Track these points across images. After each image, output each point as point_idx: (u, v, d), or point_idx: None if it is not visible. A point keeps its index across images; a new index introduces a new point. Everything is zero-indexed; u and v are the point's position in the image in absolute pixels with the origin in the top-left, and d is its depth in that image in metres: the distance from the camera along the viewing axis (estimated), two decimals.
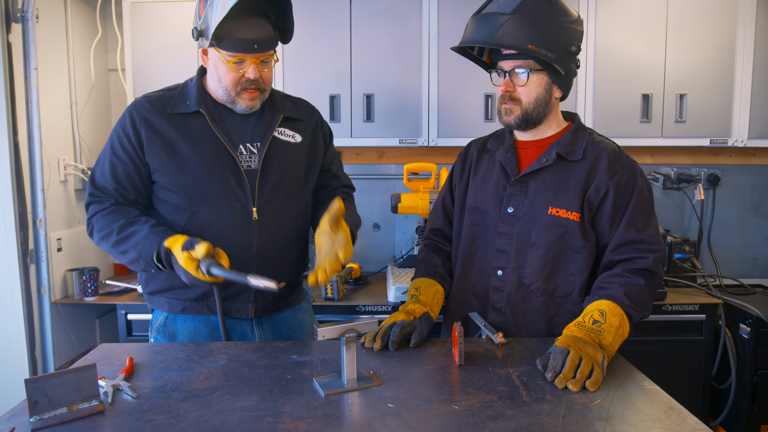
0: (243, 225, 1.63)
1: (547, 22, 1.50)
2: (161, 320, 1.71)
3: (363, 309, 2.72)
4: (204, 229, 1.62)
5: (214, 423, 1.10)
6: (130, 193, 1.63)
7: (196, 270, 1.46)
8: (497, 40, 1.50)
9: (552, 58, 1.50)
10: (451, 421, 1.10)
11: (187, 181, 1.61)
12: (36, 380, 1.10)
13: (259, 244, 1.65)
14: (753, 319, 2.62)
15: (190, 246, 1.46)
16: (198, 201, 1.62)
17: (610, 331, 1.39)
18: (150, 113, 1.63)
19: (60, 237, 2.87)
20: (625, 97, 2.88)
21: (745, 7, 2.82)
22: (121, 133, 1.63)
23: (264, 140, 1.67)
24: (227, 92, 1.62)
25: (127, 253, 1.56)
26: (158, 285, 1.69)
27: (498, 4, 1.54)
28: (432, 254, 1.81)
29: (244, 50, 1.55)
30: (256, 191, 1.65)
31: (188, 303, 1.67)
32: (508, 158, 1.66)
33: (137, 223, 1.57)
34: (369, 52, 2.88)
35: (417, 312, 1.58)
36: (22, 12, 2.64)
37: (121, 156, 1.62)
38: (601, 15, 2.83)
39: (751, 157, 3.27)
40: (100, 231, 1.60)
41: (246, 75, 1.59)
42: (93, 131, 3.19)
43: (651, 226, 1.56)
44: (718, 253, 3.24)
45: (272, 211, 1.68)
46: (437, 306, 1.67)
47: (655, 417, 1.12)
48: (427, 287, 1.69)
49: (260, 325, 1.74)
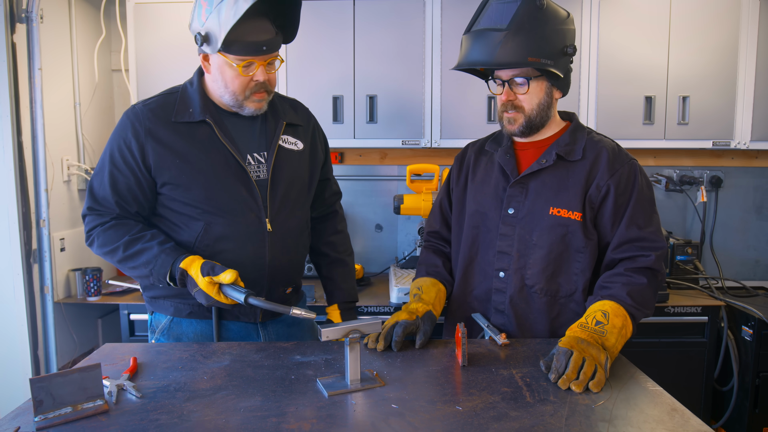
0: (257, 236, 1.63)
1: (543, 31, 1.50)
2: (166, 323, 1.70)
3: (366, 310, 2.73)
4: (218, 240, 1.61)
5: (218, 423, 1.10)
6: (131, 206, 1.61)
7: (218, 294, 1.47)
8: (497, 59, 1.50)
9: (550, 65, 1.51)
10: (454, 421, 1.10)
11: (200, 193, 1.58)
12: (41, 380, 1.11)
13: (271, 254, 1.65)
14: (755, 321, 2.62)
15: (212, 271, 1.46)
16: (212, 213, 1.60)
17: (612, 332, 1.40)
18: (154, 124, 1.58)
19: (63, 237, 2.87)
20: (627, 99, 2.88)
21: (748, 9, 2.82)
22: (123, 145, 1.58)
23: (271, 150, 1.66)
24: (235, 96, 1.59)
25: (137, 269, 1.56)
26: (164, 291, 1.68)
27: (490, 18, 1.53)
28: (432, 255, 1.81)
29: (253, 53, 1.54)
30: (267, 202, 1.64)
31: (195, 307, 1.66)
32: (507, 159, 1.66)
33: (143, 240, 1.56)
34: (372, 53, 2.88)
35: (420, 311, 1.58)
36: (27, 12, 2.65)
37: (122, 169, 1.58)
38: (604, 17, 2.84)
39: (753, 160, 3.27)
40: (104, 246, 1.59)
41: (255, 78, 1.57)
42: (96, 131, 3.20)
43: (653, 223, 1.56)
44: (720, 255, 3.24)
45: (283, 221, 1.67)
46: (440, 304, 1.68)
47: (658, 418, 1.12)
48: (429, 287, 1.69)
49: (265, 328, 1.75)
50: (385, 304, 2.72)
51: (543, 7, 1.51)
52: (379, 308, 2.72)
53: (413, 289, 1.70)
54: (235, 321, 1.70)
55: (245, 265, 1.60)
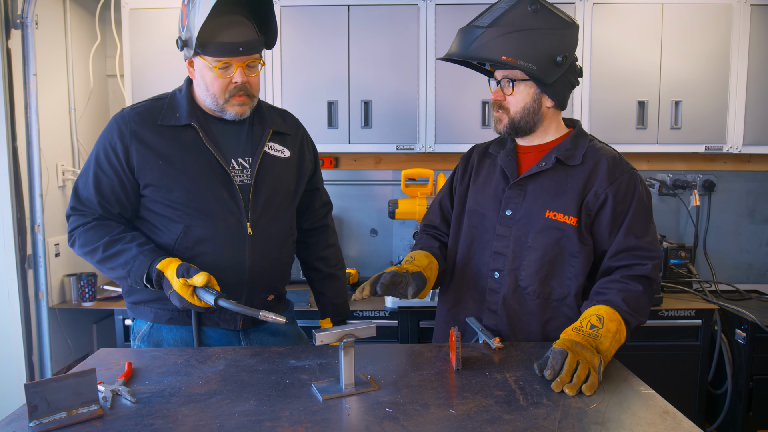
0: (237, 240, 1.63)
1: (527, 33, 1.51)
2: (146, 329, 1.69)
3: (361, 314, 2.73)
4: (198, 243, 1.61)
5: (213, 427, 1.11)
6: (114, 208, 1.62)
7: (191, 296, 1.47)
8: (470, 52, 1.53)
9: (533, 69, 1.52)
10: (448, 425, 1.11)
11: (181, 195, 1.59)
12: (35, 385, 1.11)
13: (251, 258, 1.65)
14: (748, 325, 2.64)
15: (187, 273, 1.46)
16: (192, 215, 1.60)
17: (607, 336, 1.40)
18: (139, 126, 1.60)
19: (58, 242, 2.87)
20: (620, 103, 2.90)
21: (740, 15, 2.85)
22: (108, 147, 1.60)
23: (255, 155, 1.67)
24: (215, 100, 1.61)
25: (115, 270, 1.56)
26: (143, 295, 1.67)
27: (483, 16, 1.57)
28: (429, 238, 1.82)
29: (229, 54, 1.55)
30: (249, 206, 1.64)
31: (174, 313, 1.66)
32: (508, 162, 1.67)
33: (123, 241, 1.56)
34: (367, 59, 2.90)
35: (410, 269, 1.59)
36: (22, 18, 2.65)
37: (107, 170, 1.60)
38: (597, 22, 2.86)
39: (746, 164, 3.30)
40: (84, 246, 1.59)
41: (233, 80, 1.58)
42: (91, 137, 3.19)
43: (650, 233, 1.58)
44: (713, 258, 3.26)
45: (265, 226, 1.68)
46: (431, 273, 1.66)
47: (650, 421, 1.13)
48: (422, 257, 1.68)
49: (247, 336, 1.74)
50: (380, 308, 2.72)
51: (536, 11, 1.52)
52: (374, 313, 2.72)
53: (406, 258, 1.70)
54: (216, 328, 1.69)
55: (225, 269, 1.60)
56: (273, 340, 1.79)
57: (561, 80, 1.58)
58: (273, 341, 1.78)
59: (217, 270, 1.56)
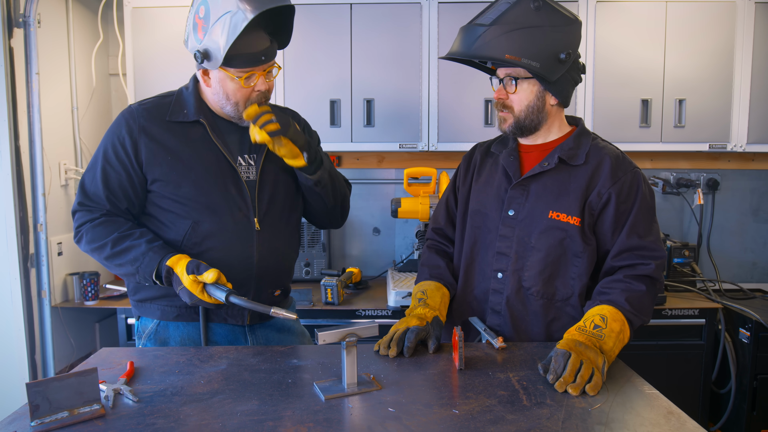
0: (245, 235, 1.64)
1: (531, 31, 1.50)
2: (152, 327, 1.70)
3: (363, 313, 2.73)
4: (206, 238, 1.62)
5: (215, 427, 1.10)
6: (121, 203, 1.62)
7: (201, 293, 1.48)
8: (473, 51, 1.52)
9: (536, 67, 1.51)
10: (451, 425, 1.11)
11: (189, 190, 1.60)
12: (37, 384, 1.11)
13: (259, 254, 1.66)
14: (752, 324, 2.63)
15: (197, 270, 1.47)
16: (200, 211, 1.61)
17: (611, 336, 1.40)
18: (148, 121, 1.61)
19: (60, 241, 2.87)
20: (624, 102, 2.89)
21: (744, 12, 2.83)
22: (116, 141, 1.61)
23: (260, 152, 1.69)
24: (237, 108, 1.62)
25: (123, 267, 1.57)
26: (150, 293, 1.68)
27: (485, 14, 1.56)
28: (435, 256, 1.81)
29: (252, 64, 1.56)
30: (256, 202, 1.66)
31: (182, 310, 1.67)
32: (510, 161, 1.66)
33: (132, 237, 1.56)
34: (369, 57, 2.89)
35: (428, 316, 1.58)
36: (24, 17, 2.65)
37: (115, 165, 1.60)
38: (601, 20, 2.85)
39: (750, 162, 3.28)
40: (92, 242, 1.59)
41: (257, 88, 1.60)
42: (94, 136, 3.20)
43: (653, 232, 1.57)
44: (717, 257, 3.24)
45: (272, 221, 1.69)
46: (445, 309, 1.67)
47: (654, 421, 1.12)
48: (434, 291, 1.68)
49: (253, 332, 1.74)
50: (382, 307, 2.72)
51: (538, 8, 1.51)
52: (377, 312, 2.72)
53: (417, 292, 1.69)
54: (223, 324, 1.70)
55: (233, 264, 1.61)
56: (279, 336, 1.79)
57: (564, 77, 1.57)
58: (278, 337, 1.79)
59: (225, 265, 1.56)
